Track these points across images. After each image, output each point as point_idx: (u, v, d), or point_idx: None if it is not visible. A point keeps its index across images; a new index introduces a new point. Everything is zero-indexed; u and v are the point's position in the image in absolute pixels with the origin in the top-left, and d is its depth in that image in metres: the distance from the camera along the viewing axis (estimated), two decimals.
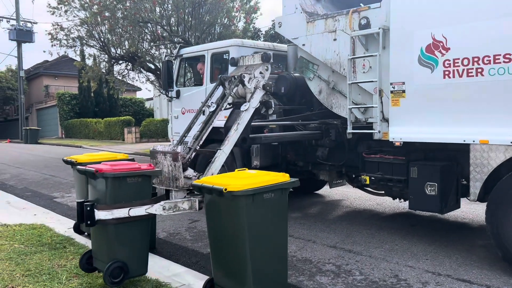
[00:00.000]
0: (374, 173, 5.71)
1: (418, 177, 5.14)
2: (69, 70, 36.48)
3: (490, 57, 4.40)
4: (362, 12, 5.68)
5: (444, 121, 4.79)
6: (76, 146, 23.87)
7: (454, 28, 4.64)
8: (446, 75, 4.72)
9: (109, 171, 3.88)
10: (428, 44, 4.83)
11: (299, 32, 6.47)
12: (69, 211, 7.58)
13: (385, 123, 5.44)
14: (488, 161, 4.49)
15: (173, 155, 4.52)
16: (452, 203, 5.18)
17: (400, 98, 5.14)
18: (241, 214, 3.44)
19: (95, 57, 18.26)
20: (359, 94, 5.83)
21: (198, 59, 8.12)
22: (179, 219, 6.91)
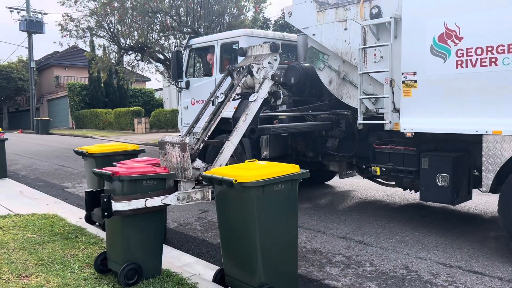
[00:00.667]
0: (384, 164, 5.66)
1: (429, 168, 5.08)
2: (79, 61, 36.63)
3: (504, 46, 4.31)
4: (373, 1, 5.61)
5: (457, 112, 4.73)
6: (87, 137, 24.06)
7: (467, 16, 4.55)
8: (459, 65, 4.64)
9: (125, 174, 3.90)
10: (441, 33, 4.75)
11: (310, 22, 6.42)
12: (81, 201, 7.65)
13: (396, 114, 5.37)
14: (501, 152, 4.42)
15: (181, 146, 4.52)
16: (464, 194, 5.13)
17: (411, 88, 5.07)
18: (251, 205, 3.44)
19: (104, 47, 18.29)
20: (370, 84, 5.78)
21: (207, 49, 8.07)
22: (189, 209, 6.95)
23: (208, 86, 7.79)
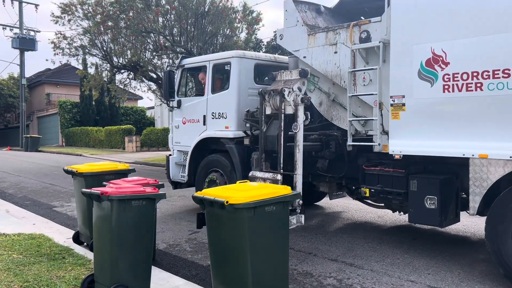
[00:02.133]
0: (374, 185, 5.70)
1: (417, 190, 5.11)
2: (71, 79, 36.62)
3: (489, 72, 4.41)
4: (362, 26, 5.74)
5: (444, 135, 4.79)
6: (76, 155, 23.86)
7: (453, 42, 4.66)
8: (446, 89, 4.73)
9: (114, 193, 3.87)
10: (428, 58, 4.84)
11: (300, 45, 6.53)
12: (69, 221, 7.54)
13: (385, 136, 5.43)
14: (488, 175, 4.48)
15: (273, 181, 5.52)
16: (452, 216, 5.15)
17: (400, 111, 5.15)
18: (242, 226, 3.42)
19: (97, 66, 18.33)
20: (359, 107, 5.86)
21: (200, 69, 8.15)
22: (178, 230, 6.87)
23: (199, 105, 7.85)
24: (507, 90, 4.29)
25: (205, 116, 7.69)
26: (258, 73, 7.57)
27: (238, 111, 7.19)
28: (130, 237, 3.98)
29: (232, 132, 7.23)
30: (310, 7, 7.01)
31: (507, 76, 4.29)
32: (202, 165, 7.79)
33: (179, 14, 14.55)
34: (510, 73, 4.27)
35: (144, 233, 4.09)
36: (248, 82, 7.32)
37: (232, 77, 7.27)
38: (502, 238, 4.40)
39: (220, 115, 7.42)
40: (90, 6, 16.01)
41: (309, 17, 6.80)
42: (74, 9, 16.34)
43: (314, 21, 6.86)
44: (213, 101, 7.58)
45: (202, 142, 7.74)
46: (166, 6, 14.92)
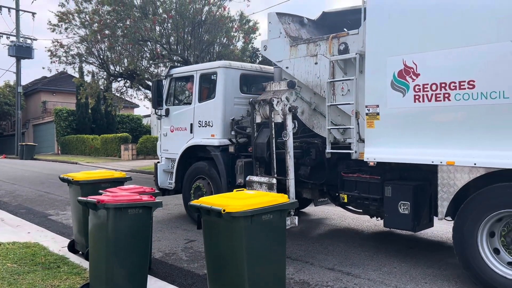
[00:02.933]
0: (351, 191, 5.89)
1: (392, 196, 5.29)
2: (67, 87, 36.56)
3: (456, 83, 4.60)
4: (341, 38, 5.97)
5: (415, 143, 4.98)
6: (72, 163, 23.76)
7: (423, 55, 4.85)
8: (417, 99, 4.92)
9: (110, 202, 3.86)
10: (400, 70, 5.03)
11: (283, 56, 6.73)
12: (64, 229, 7.49)
13: (362, 144, 5.61)
14: (454, 182, 4.65)
15: (268, 185, 5.80)
16: (426, 221, 5.33)
17: (374, 120, 5.33)
18: (239, 235, 3.41)
19: (93, 74, 18.34)
20: (338, 116, 6.07)
21: (187, 79, 8.34)
22: (175, 238, 6.84)
23: (187, 114, 8.04)
24: (472, 100, 4.49)
25: (192, 124, 7.87)
26: (244, 83, 7.76)
27: (223, 120, 7.39)
28: (126, 246, 3.96)
29: (217, 140, 7.39)
30: (293, 19, 7.27)
31: (472, 87, 4.48)
32: (188, 172, 7.95)
33: (176, 23, 14.61)
34: (475, 84, 4.46)
35: (140, 242, 4.08)
36: (234, 92, 7.51)
37: (218, 87, 7.46)
38: (468, 242, 4.56)
39: (207, 123, 7.61)
40: (87, 15, 16.06)
41: (292, 28, 7.07)
42: (71, 18, 16.38)
43: (297, 32, 7.11)
44: (200, 109, 7.77)
45: (189, 150, 7.89)
46: (163, 15, 14.98)
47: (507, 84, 4.26)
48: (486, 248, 4.52)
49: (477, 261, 4.51)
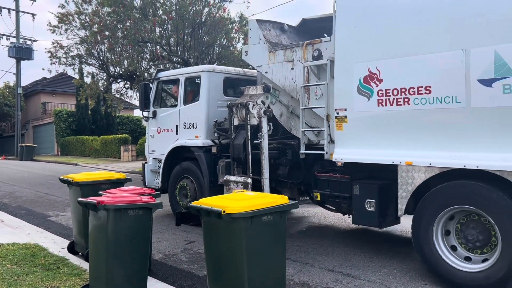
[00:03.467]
0: (323, 190, 6.19)
1: (359, 194, 5.59)
2: (67, 88, 36.58)
3: (414, 88, 4.90)
4: (315, 45, 6.29)
5: (379, 144, 5.29)
6: (72, 164, 23.76)
7: (386, 62, 5.14)
8: (380, 103, 5.21)
9: (111, 203, 3.86)
10: (365, 76, 5.32)
11: (262, 61, 7.03)
12: (64, 231, 7.49)
13: (333, 145, 5.88)
14: (412, 180, 4.97)
15: (243, 184, 5.95)
16: (391, 218, 5.56)
17: (343, 123, 5.63)
18: (239, 236, 3.41)
19: (93, 75, 18.35)
20: (313, 118, 6.38)
21: (173, 82, 8.58)
22: (174, 240, 6.84)
23: (173, 116, 8.32)
24: (429, 105, 4.79)
25: (177, 126, 8.16)
26: (227, 86, 8.02)
27: (207, 122, 7.68)
28: (126, 247, 3.96)
29: (201, 141, 7.67)
30: (274, 26, 7.58)
31: (428, 92, 4.79)
32: (174, 172, 8.21)
33: (176, 24, 14.62)
34: (431, 89, 4.77)
35: (140, 243, 4.08)
36: (217, 95, 7.78)
37: (202, 90, 7.74)
38: (424, 237, 4.84)
39: (191, 125, 7.90)
40: (87, 16, 16.08)
41: (273, 35, 7.37)
42: (71, 19, 16.40)
43: (277, 38, 7.40)
44: (185, 112, 8.05)
45: (175, 151, 8.16)
46: (163, 16, 15.00)
47: (459, 90, 4.55)
48: (442, 244, 4.79)
49: (434, 256, 4.78)
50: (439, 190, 4.75)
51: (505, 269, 4.22)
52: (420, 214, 4.91)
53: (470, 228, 4.68)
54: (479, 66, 4.40)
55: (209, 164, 7.46)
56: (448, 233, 4.84)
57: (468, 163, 4.48)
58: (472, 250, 4.69)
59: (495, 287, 4.32)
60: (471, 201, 4.49)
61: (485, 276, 4.40)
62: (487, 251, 4.57)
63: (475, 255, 4.65)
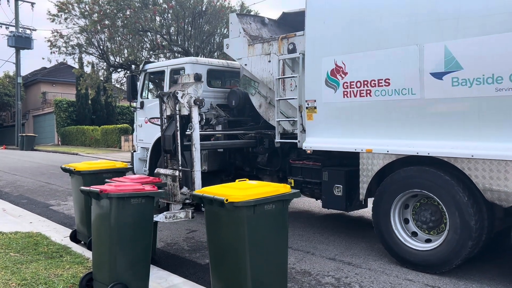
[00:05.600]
0: (297, 176, 6.54)
1: (328, 180, 5.96)
2: (67, 77, 36.47)
3: (375, 81, 5.21)
4: (290, 39, 6.56)
5: (344, 133, 5.63)
6: (73, 154, 23.78)
7: (350, 56, 5.45)
8: (345, 95, 5.52)
9: (113, 191, 3.87)
10: (332, 69, 5.62)
11: (242, 54, 7.29)
12: (66, 219, 7.52)
13: (305, 134, 6.16)
14: (372, 167, 5.31)
15: (172, 177, 5.55)
16: (357, 203, 5.88)
17: (313, 114, 5.95)
18: (242, 225, 3.42)
19: (93, 64, 18.28)
20: (289, 109, 6.63)
21: (159, 73, 8.81)
22: (176, 229, 6.87)
23: (159, 106, 8.20)
24: (388, 96, 5.10)
25: None
26: (211, 78, 8.33)
27: None
28: (129, 235, 3.97)
29: None
30: (255, 19, 7.85)
31: (387, 84, 5.09)
32: (160, 160, 8.22)
33: (176, 13, 14.54)
34: (390, 82, 5.07)
35: (143, 231, 4.09)
36: None
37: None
38: (382, 220, 5.22)
39: None
40: (87, 5, 15.97)
41: (253, 28, 7.60)
42: (71, 8, 16.29)
43: (258, 32, 7.62)
44: None
45: None
46: (164, 5, 14.90)
47: (414, 82, 4.85)
48: (397, 219, 5.17)
49: (389, 233, 5.17)
50: (394, 175, 5.12)
51: (456, 238, 4.60)
52: (381, 194, 5.27)
53: (424, 210, 5.07)
54: (431, 60, 4.70)
55: None
56: (406, 207, 5.22)
57: (421, 150, 4.82)
58: (429, 231, 5.07)
59: (452, 255, 4.66)
60: (422, 186, 4.86)
61: (443, 248, 4.75)
62: (442, 229, 4.91)
63: (434, 235, 5.03)
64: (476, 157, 4.41)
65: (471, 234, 4.49)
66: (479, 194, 4.48)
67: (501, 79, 4.25)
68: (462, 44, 4.49)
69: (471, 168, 4.46)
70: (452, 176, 4.64)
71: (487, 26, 4.32)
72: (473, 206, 4.49)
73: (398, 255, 5.13)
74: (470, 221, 4.48)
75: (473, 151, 4.43)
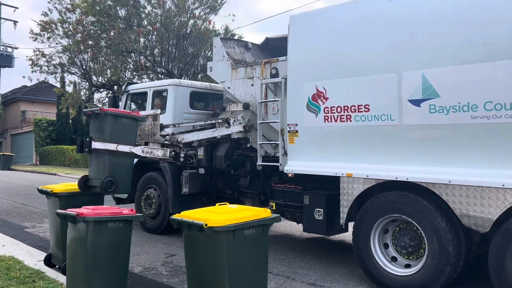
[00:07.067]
0: (278, 200, 6.52)
1: (309, 204, 5.95)
2: (47, 96, 36.02)
3: (355, 106, 5.31)
4: (273, 63, 6.70)
5: (324, 157, 5.69)
6: (51, 174, 23.30)
7: (331, 81, 5.56)
8: (326, 120, 5.61)
9: (90, 215, 3.80)
10: (313, 94, 5.72)
11: (226, 77, 7.46)
12: (41, 242, 7.30)
13: (287, 157, 6.22)
14: (352, 191, 5.33)
15: (153, 116, 5.91)
16: (338, 227, 5.82)
17: (294, 137, 6.02)
18: (221, 250, 3.38)
19: (75, 84, 18.14)
20: (272, 132, 6.72)
21: (142, 95, 8.81)
22: (155, 253, 6.73)
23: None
24: (368, 121, 5.20)
25: None
26: (194, 100, 8.36)
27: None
28: (105, 260, 3.89)
29: None
30: (238, 44, 8.04)
31: (367, 110, 5.20)
32: (140, 182, 8.41)
33: (160, 35, 14.63)
34: (370, 108, 5.17)
35: (120, 257, 4.01)
36: (184, 107, 8.01)
37: (169, 103, 8.01)
38: (362, 244, 5.23)
39: None
40: (70, 25, 15.95)
41: (237, 52, 7.77)
42: (54, 27, 16.24)
43: (241, 56, 7.79)
44: None
45: (143, 161, 8.20)
46: (148, 27, 14.99)
47: (393, 108, 4.95)
48: (377, 243, 5.18)
49: (369, 257, 5.17)
50: (374, 200, 5.16)
51: (435, 263, 4.64)
52: (361, 218, 5.27)
53: (403, 235, 5.08)
54: (409, 88, 4.82)
55: (173, 174, 7.65)
56: (386, 232, 5.22)
57: (400, 175, 4.89)
58: (408, 256, 5.07)
59: (431, 281, 4.67)
60: (401, 210, 4.90)
61: (422, 274, 4.77)
62: (421, 255, 4.91)
63: (413, 260, 5.02)
64: (453, 182, 4.49)
65: (449, 259, 4.53)
66: (456, 219, 4.54)
67: (476, 107, 4.37)
68: (439, 73, 4.63)
69: (448, 194, 4.53)
70: (431, 201, 4.70)
71: (462, 56, 4.48)
72: (451, 232, 4.55)
73: (378, 280, 5.12)
74: (448, 246, 4.53)
75: (450, 177, 4.52)
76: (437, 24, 4.68)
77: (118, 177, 5.60)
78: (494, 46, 4.28)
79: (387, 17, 5.07)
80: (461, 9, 4.52)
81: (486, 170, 4.32)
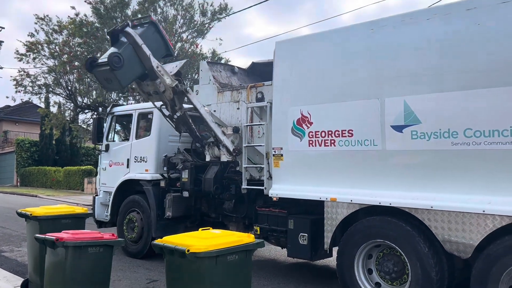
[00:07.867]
0: (263, 224, 6.46)
1: (294, 228, 5.91)
2: (31, 116, 35.56)
3: (339, 131, 5.40)
4: (258, 88, 6.84)
5: (309, 181, 5.69)
6: (32, 196, 22.79)
7: (315, 107, 5.65)
8: (311, 144, 5.67)
9: (70, 239, 3.72)
10: (298, 118, 5.80)
11: (212, 100, 7.56)
12: (18, 267, 7.09)
13: (271, 181, 6.21)
14: (336, 216, 5.35)
15: None
16: (322, 252, 5.77)
17: (279, 161, 6.04)
18: (203, 276, 3.34)
19: (60, 105, 18.01)
20: (257, 155, 6.77)
21: (127, 117, 8.81)
22: (136, 278, 6.59)
23: (124, 150, 8.51)
24: (351, 146, 5.28)
25: (128, 159, 8.30)
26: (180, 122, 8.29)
27: (157, 156, 7.87)
28: (85, 286, 3.79)
29: (150, 174, 7.82)
30: (225, 68, 8.17)
31: (351, 135, 5.28)
32: (123, 205, 8.31)
33: None
34: (353, 133, 5.26)
35: (100, 282, 3.91)
36: (168, 130, 7.90)
37: (154, 125, 8.00)
38: (346, 270, 5.22)
39: (142, 158, 8.07)
40: (57, 46, 15.95)
41: (223, 76, 7.88)
42: (40, 48, 16.21)
43: (228, 79, 7.89)
44: (137, 146, 8.25)
45: (126, 184, 8.26)
46: None
47: (376, 134, 5.04)
48: (361, 269, 5.17)
49: (353, 283, 5.15)
50: (358, 225, 5.18)
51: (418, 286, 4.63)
52: (345, 243, 5.27)
53: (387, 261, 5.07)
54: (392, 114, 4.92)
55: (157, 197, 7.61)
56: (370, 257, 5.20)
57: (383, 200, 4.92)
58: (392, 282, 5.06)
59: None
60: (385, 236, 4.91)
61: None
62: (405, 280, 4.90)
63: (397, 286, 5.02)
64: (435, 208, 4.54)
65: (432, 285, 4.53)
66: (439, 245, 4.56)
67: (456, 134, 4.47)
68: (420, 100, 4.73)
69: (430, 219, 4.57)
70: (413, 226, 4.73)
71: (442, 84, 4.60)
72: (433, 257, 4.57)
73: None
74: (431, 272, 4.54)
75: (432, 202, 4.56)
76: (418, 52, 4.81)
77: None
78: (473, 75, 4.41)
79: (370, 45, 5.20)
80: (442, 39, 4.66)
81: (467, 196, 4.38)
